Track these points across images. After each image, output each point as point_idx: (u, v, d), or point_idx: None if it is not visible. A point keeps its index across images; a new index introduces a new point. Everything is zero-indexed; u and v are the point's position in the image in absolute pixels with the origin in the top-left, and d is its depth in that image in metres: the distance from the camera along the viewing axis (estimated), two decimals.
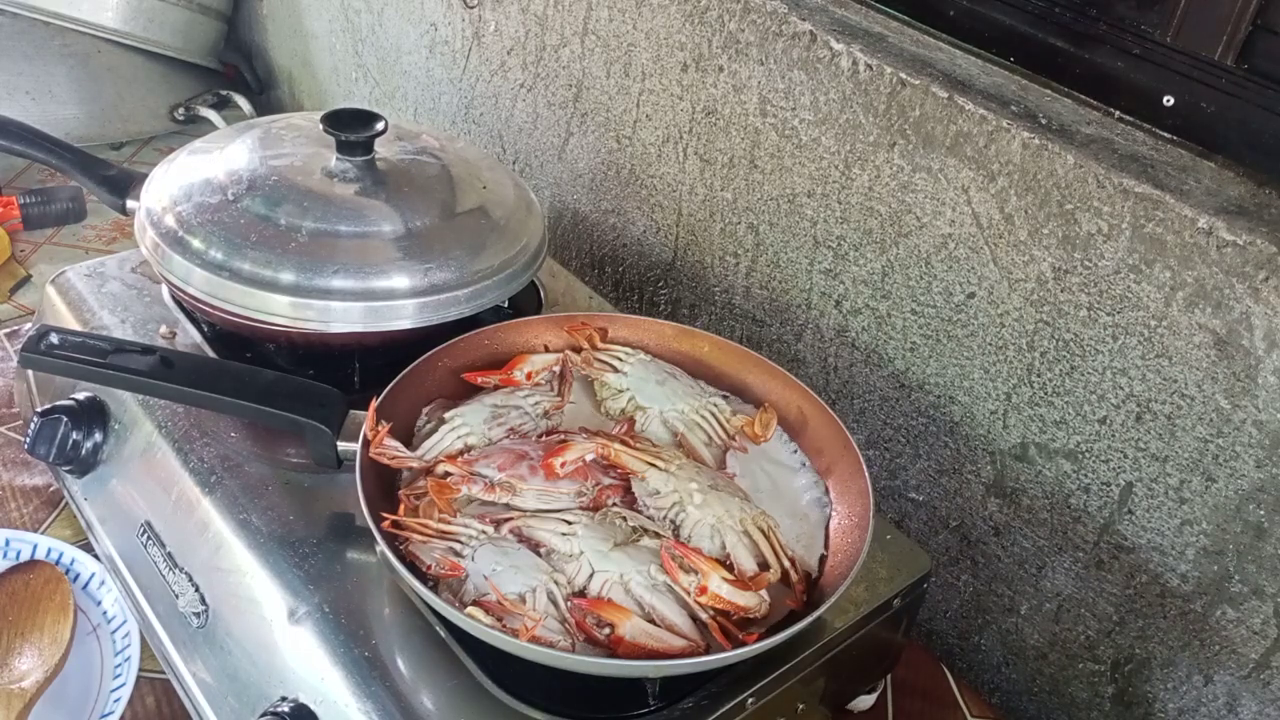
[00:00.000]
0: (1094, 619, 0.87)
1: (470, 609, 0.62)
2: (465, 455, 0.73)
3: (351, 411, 0.76)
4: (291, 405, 0.75)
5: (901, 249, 0.92)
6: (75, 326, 0.90)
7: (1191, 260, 0.72)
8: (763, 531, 0.70)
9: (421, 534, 0.67)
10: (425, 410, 0.79)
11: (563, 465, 0.71)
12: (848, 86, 0.91)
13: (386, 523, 0.66)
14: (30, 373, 0.94)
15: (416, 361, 0.79)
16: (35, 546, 0.88)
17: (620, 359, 0.84)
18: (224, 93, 2.06)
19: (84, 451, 0.85)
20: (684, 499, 0.70)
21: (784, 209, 1.02)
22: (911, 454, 0.98)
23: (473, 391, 0.82)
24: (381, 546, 0.64)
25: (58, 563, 0.87)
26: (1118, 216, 0.76)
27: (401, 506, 0.70)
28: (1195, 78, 0.78)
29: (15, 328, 1.15)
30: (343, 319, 0.80)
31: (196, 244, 0.81)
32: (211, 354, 0.87)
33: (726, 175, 1.07)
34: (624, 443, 0.73)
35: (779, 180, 1.01)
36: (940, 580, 0.99)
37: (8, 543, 0.88)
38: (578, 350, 0.85)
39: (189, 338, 0.89)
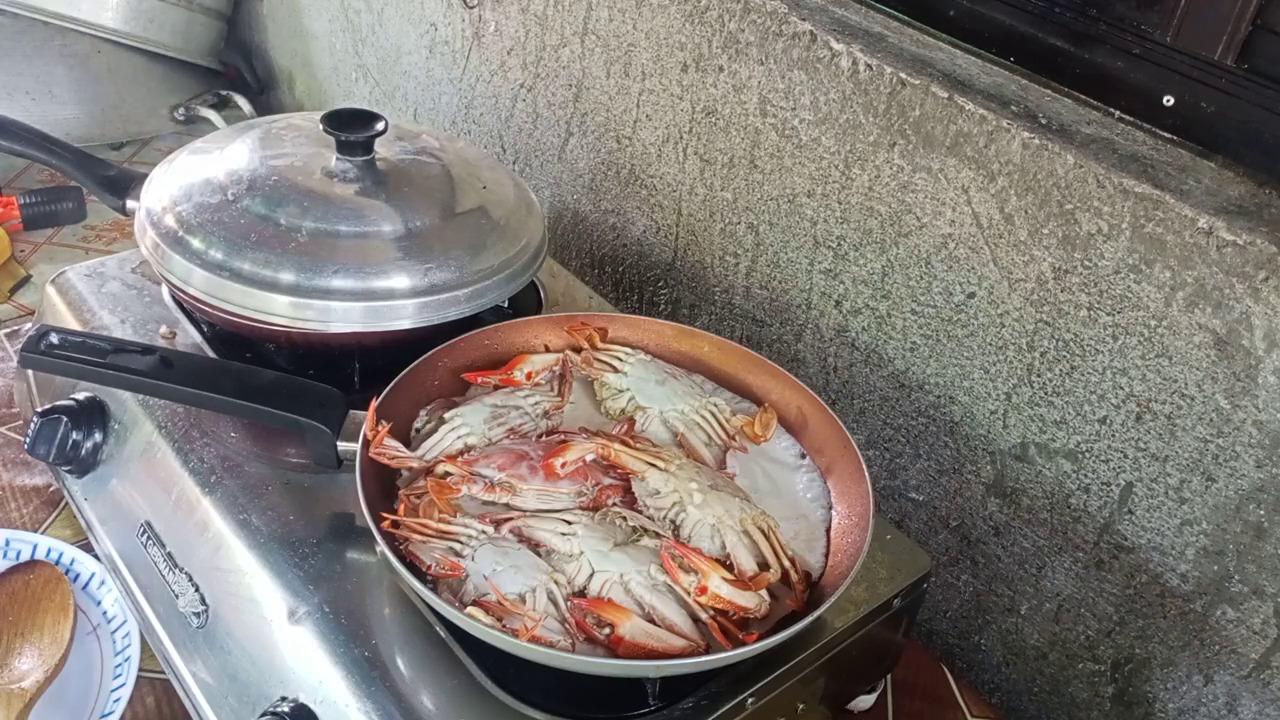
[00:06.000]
0: (1094, 619, 0.87)
1: (470, 609, 0.62)
2: (465, 455, 0.73)
3: (351, 411, 0.76)
4: (291, 405, 0.75)
5: (901, 249, 0.92)
6: (75, 326, 0.90)
7: (1191, 260, 0.72)
8: (763, 531, 0.70)
9: (421, 534, 0.67)
10: (425, 410, 0.79)
11: (563, 465, 0.71)
12: (848, 86, 0.91)
13: (386, 523, 0.66)
14: (30, 373, 0.94)
15: (416, 361, 0.79)
16: (35, 546, 0.88)
17: (620, 359, 0.84)
18: (224, 93, 2.06)
19: (84, 451, 0.85)
20: (684, 499, 0.70)
21: (784, 209, 1.02)
22: (911, 454, 0.98)
23: (472, 391, 0.82)
24: (381, 546, 0.64)
25: (58, 563, 0.87)
26: (1118, 216, 0.76)
27: (401, 506, 0.70)
28: (1195, 78, 0.78)
29: (15, 328, 1.15)
30: (343, 319, 0.80)
31: (196, 244, 0.81)
32: (211, 354, 0.87)
33: (726, 175, 1.07)
34: (624, 443, 0.73)
35: (779, 180, 1.01)
36: (940, 580, 0.99)
37: (8, 543, 0.88)
38: (578, 350, 0.85)
39: (189, 338, 0.89)
